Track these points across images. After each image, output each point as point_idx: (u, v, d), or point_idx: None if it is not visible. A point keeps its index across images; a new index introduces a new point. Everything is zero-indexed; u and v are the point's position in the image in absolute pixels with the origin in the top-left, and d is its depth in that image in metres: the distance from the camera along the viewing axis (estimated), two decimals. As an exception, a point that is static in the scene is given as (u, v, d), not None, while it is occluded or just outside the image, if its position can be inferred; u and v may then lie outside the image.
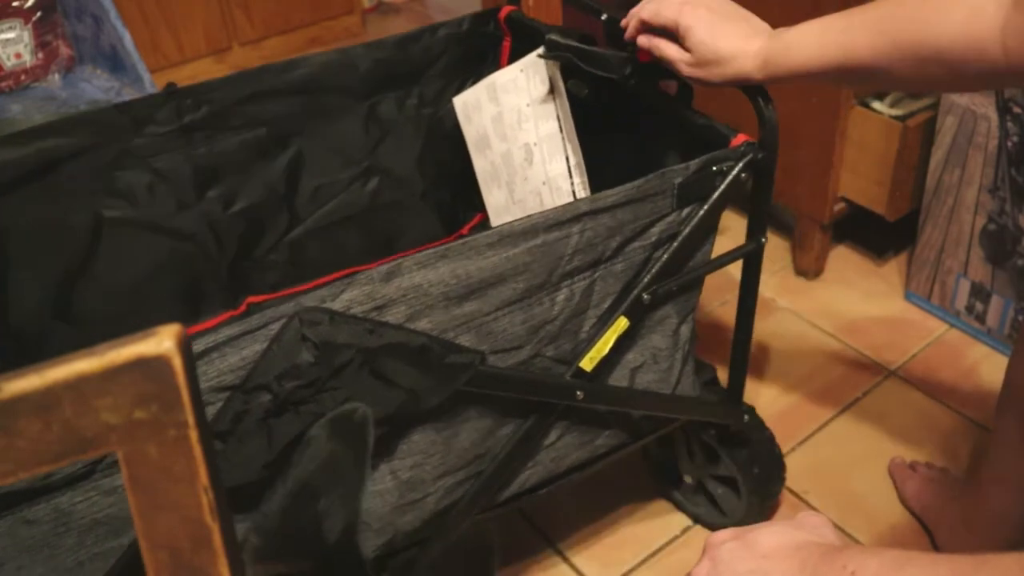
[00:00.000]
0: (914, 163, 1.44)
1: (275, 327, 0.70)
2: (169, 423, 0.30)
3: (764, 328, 1.52)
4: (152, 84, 1.46)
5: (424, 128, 1.23)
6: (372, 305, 0.73)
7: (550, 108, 1.08)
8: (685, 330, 0.97)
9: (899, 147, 1.40)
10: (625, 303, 0.88)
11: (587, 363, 0.89)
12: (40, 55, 1.53)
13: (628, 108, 1.07)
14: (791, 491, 1.25)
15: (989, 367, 1.42)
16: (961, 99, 1.34)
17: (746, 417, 1.10)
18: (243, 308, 1.19)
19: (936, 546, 1.16)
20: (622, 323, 0.89)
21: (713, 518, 1.20)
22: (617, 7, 1.03)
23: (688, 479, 1.19)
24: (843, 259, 1.66)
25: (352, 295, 0.72)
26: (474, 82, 1.18)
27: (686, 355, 0.99)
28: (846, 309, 1.55)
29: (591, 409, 0.94)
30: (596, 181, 1.10)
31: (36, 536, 0.68)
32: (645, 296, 0.89)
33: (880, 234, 1.63)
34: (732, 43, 0.85)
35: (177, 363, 0.30)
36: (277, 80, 1.10)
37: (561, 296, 0.85)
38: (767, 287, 1.61)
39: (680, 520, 1.21)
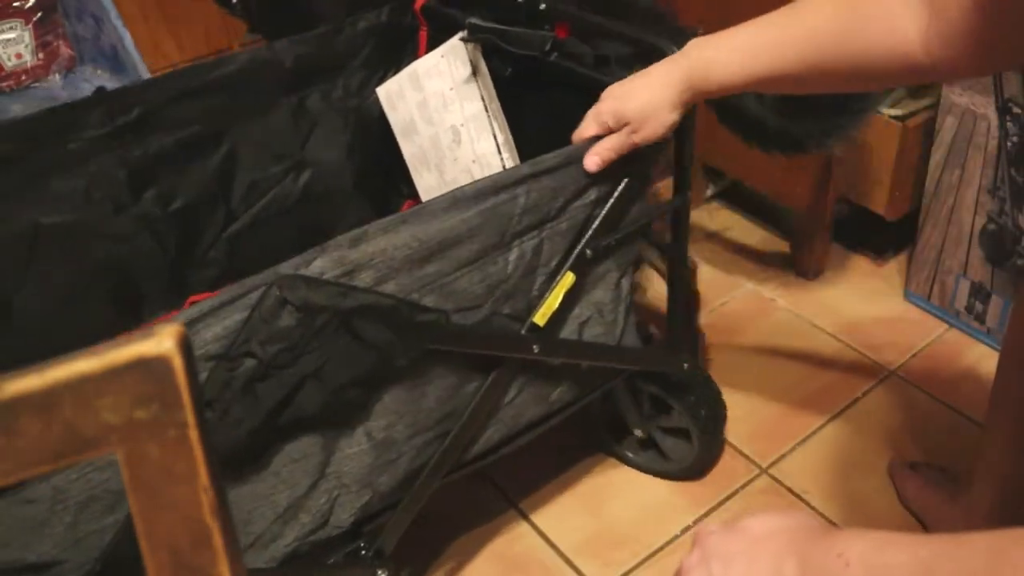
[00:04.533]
0: (914, 163, 1.44)
1: (255, 296, 0.74)
2: (169, 423, 0.30)
3: (764, 328, 1.53)
4: (152, 84, 1.46)
5: (351, 119, 1.27)
6: (342, 271, 0.78)
7: (473, 89, 1.12)
8: (626, 283, 1.04)
9: (899, 147, 1.41)
10: (571, 259, 0.95)
11: (540, 318, 0.96)
12: (41, 55, 1.53)
13: (548, 82, 1.12)
14: (791, 491, 1.25)
15: (989, 367, 1.41)
16: (961, 99, 1.34)
17: (685, 365, 1.16)
18: (186, 307, 1.19)
19: (936, 546, 1.16)
20: (569, 278, 0.96)
21: (660, 465, 1.27)
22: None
23: (638, 432, 1.24)
24: (843, 259, 1.66)
25: (323, 263, 0.77)
26: (395, 72, 1.23)
27: (628, 308, 1.06)
28: (846, 309, 1.55)
29: (545, 364, 1.01)
30: (524, 153, 1.16)
31: (36, 515, 0.70)
32: (588, 251, 0.96)
33: (880, 234, 1.63)
34: (644, 98, 0.89)
35: (177, 363, 0.30)
36: (206, 78, 1.12)
37: (513, 255, 0.91)
38: (767, 287, 1.61)
39: (680, 520, 1.22)
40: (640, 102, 0.89)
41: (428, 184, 1.25)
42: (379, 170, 1.31)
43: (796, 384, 1.41)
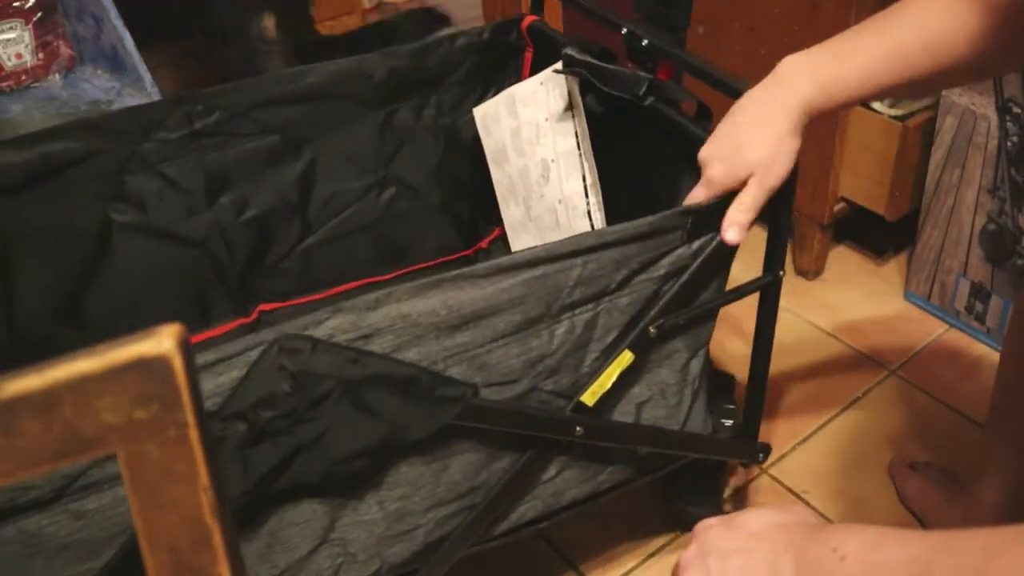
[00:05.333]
0: (914, 163, 1.44)
1: (254, 353, 0.68)
2: (169, 423, 0.30)
3: (764, 328, 1.52)
4: (153, 84, 1.46)
5: (442, 138, 1.21)
6: (358, 334, 0.71)
7: (568, 124, 1.05)
8: (696, 365, 0.94)
9: (899, 147, 1.40)
10: (630, 336, 0.85)
11: (588, 397, 0.86)
12: (41, 55, 1.53)
13: (643, 126, 1.03)
14: (791, 491, 1.25)
15: (989, 367, 1.42)
16: (961, 99, 1.34)
17: (761, 456, 1.06)
18: (254, 316, 1.17)
19: (936, 546, 1.16)
20: (627, 357, 0.85)
21: None
22: (644, 22, 1.03)
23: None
24: (843, 259, 1.66)
25: (337, 323, 0.70)
26: (495, 92, 1.16)
27: (696, 390, 0.95)
28: (846, 309, 1.55)
29: (594, 444, 0.91)
30: (605, 199, 1.08)
31: (3, 557, 0.66)
32: (652, 330, 0.85)
33: (880, 234, 1.63)
34: (765, 137, 0.83)
35: (177, 363, 0.30)
36: (288, 87, 1.09)
37: (562, 329, 0.81)
38: (767, 287, 1.61)
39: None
40: (761, 146, 0.83)
41: (514, 217, 1.19)
42: (468, 193, 1.25)
43: (796, 384, 1.41)
